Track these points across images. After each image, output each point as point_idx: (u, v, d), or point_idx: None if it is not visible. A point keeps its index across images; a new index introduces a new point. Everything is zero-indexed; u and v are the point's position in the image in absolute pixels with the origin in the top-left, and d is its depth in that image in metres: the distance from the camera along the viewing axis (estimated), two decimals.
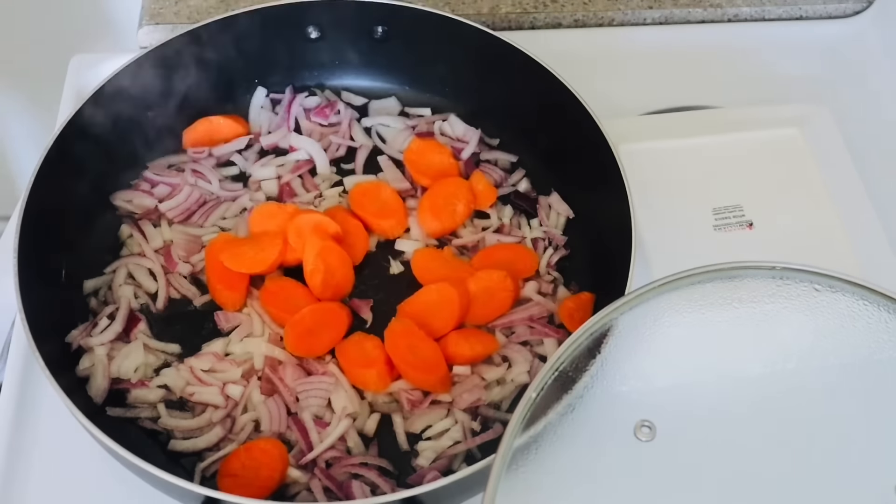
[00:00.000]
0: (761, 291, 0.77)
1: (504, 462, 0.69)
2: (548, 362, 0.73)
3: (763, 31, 1.40)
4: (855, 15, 1.42)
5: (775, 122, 1.23)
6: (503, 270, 1.04)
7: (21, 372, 1.00)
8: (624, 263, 0.94)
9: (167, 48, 1.10)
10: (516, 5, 1.36)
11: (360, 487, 0.91)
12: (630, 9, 1.37)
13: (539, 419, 0.72)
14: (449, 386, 0.98)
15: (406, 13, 1.15)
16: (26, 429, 0.97)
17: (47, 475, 0.95)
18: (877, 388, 0.77)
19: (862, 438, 0.75)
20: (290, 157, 1.17)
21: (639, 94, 1.29)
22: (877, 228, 1.14)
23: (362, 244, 1.09)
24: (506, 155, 1.17)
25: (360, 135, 1.19)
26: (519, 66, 1.11)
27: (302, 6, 1.15)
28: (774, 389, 0.77)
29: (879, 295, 0.74)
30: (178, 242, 1.08)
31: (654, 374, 0.78)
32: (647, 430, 0.74)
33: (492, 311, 1.03)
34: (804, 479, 0.74)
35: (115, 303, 1.03)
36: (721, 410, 0.76)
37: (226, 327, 1.02)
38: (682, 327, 0.77)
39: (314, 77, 1.22)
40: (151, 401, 0.97)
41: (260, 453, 0.93)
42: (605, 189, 1.02)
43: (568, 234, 1.11)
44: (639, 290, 0.76)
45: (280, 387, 0.97)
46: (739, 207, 1.15)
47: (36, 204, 0.96)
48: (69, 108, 1.16)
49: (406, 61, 1.20)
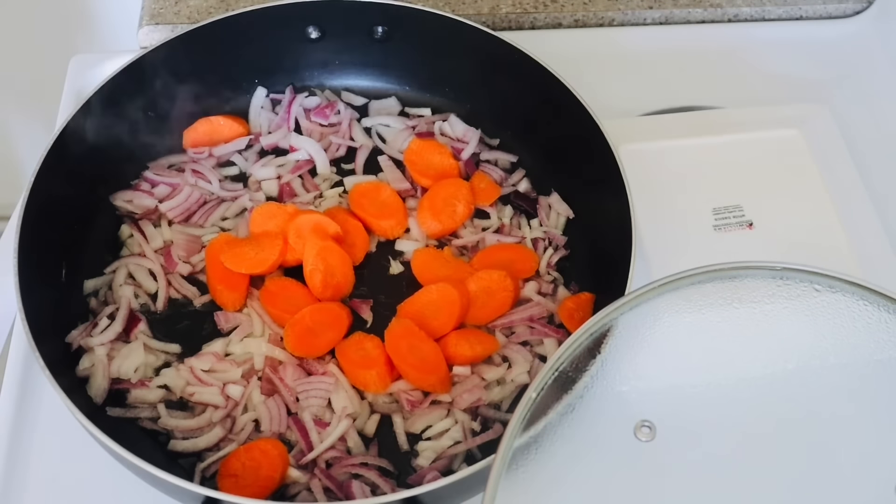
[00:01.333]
0: (761, 291, 0.77)
1: (504, 462, 0.69)
2: (548, 362, 0.73)
3: (763, 31, 1.40)
4: (855, 15, 1.42)
5: (775, 122, 1.23)
6: (503, 270, 1.04)
7: (21, 372, 1.00)
8: (624, 263, 0.94)
9: (167, 48, 1.10)
10: (516, 5, 1.36)
11: (360, 487, 0.91)
12: (630, 9, 1.37)
13: (539, 419, 0.72)
14: (449, 386, 0.98)
15: (406, 13, 1.15)
16: (26, 429, 0.97)
17: (47, 475, 0.95)
18: (877, 388, 0.77)
19: (862, 438, 0.75)
20: (290, 157, 1.17)
21: (639, 94, 1.29)
22: (877, 228, 1.14)
23: (362, 244, 1.09)
24: (506, 155, 1.17)
25: (360, 135, 1.19)
26: (519, 66, 1.11)
27: (302, 6, 1.15)
28: (774, 389, 0.77)
29: (879, 295, 0.74)
30: (178, 242, 1.08)
31: (655, 374, 0.78)
32: (647, 430, 0.74)
33: (492, 312, 1.03)
34: (804, 479, 0.74)
35: (115, 303, 1.03)
36: (721, 410, 0.76)
37: (226, 327, 1.02)
38: (682, 327, 0.77)
39: (314, 77, 1.22)
40: (151, 401, 0.97)
41: (260, 453, 0.93)
42: (605, 189, 1.02)
43: (568, 234, 1.11)
44: (639, 290, 0.76)
45: (280, 387, 0.98)
46: (739, 207, 1.15)
47: (36, 204, 0.96)
48: (69, 108, 1.16)
49: (406, 61, 1.20)
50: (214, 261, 1.04)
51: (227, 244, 1.05)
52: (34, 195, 0.96)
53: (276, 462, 0.92)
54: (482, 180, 1.14)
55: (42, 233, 0.97)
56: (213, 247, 1.05)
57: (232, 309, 1.03)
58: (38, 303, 0.91)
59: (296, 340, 0.99)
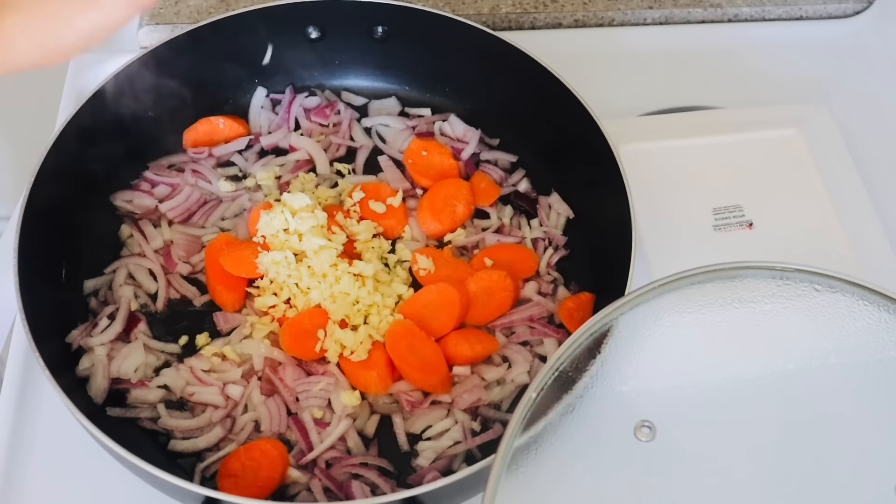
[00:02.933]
0: (761, 291, 0.77)
1: (504, 462, 0.69)
2: (548, 362, 0.73)
3: (763, 31, 1.40)
4: (855, 15, 1.42)
5: (775, 122, 1.23)
6: (503, 270, 1.04)
7: (21, 372, 1.00)
8: (624, 263, 0.94)
9: (167, 48, 1.10)
10: (516, 5, 1.36)
11: (360, 487, 0.91)
12: (630, 9, 1.37)
13: (539, 419, 0.72)
14: (449, 386, 0.98)
15: (406, 13, 1.15)
16: (26, 429, 0.97)
17: (47, 475, 0.95)
18: (877, 388, 0.77)
19: (862, 438, 0.75)
20: (290, 157, 1.16)
21: (639, 94, 1.29)
22: (877, 228, 1.14)
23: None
24: (506, 155, 1.17)
25: (360, 135, 1.19)
26: (519, 66, 1.11)
27: (302, 6, 1.15)
28: (774, 389, 0.77)
29: (879, 295, 0.74)
30: (178, 243, 1.08)
31: (655, 374, 0.78)
32: (647, 430, 0.74)
33: (492, 312, 1.03)
34: (804, 479, 0.74)
35: (115, 303, 1.03)
36: (721, 410, 0.76)
37: (225, 328, 1.02)
38: (682, 327, 0.77)
39: (314, 77, 1.22)
40: (151, 401, 0.97)
41: (260, 454, 0.93)
42: (604, 189, 1.02)
43: (568, 234, 1.11)
44: (639, 290, 0.76)
45: (280, 387, 0.97)
46: (739, 207, 1.15)
47: (36, 204, 0.96)
48: (69, 108, 1.16)
49: (406, 61, 1.20)
50: (214, 262, 1.04)
51: (227, 245, 1.05)
52: (34, 195, 0.96)
53: (276, 462, 0.92)
54: (482, 180, 1.14)
55: (42, 233, 0.97)
56: (213, 247, 1.05)
57: (231, 309, 1.03)
58: (38, 303, 0.91)
59: (291, 341, 0.99)
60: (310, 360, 1.00)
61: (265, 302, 1.02)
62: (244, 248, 1.04)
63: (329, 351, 0.99)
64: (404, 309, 1.02)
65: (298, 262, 1.02)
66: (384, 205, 1.10)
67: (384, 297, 1.03)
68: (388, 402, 0.99)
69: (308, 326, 1.00)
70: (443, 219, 1.10)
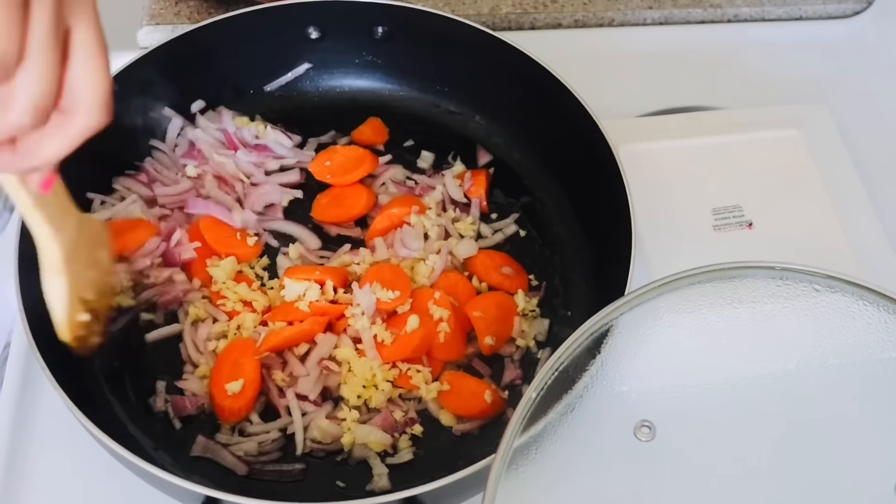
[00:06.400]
0: (761, 291, 0.77)
1: (504, 462, 0.69)
2: (548, 362, 0.73)
3: (763, 31, 1.40)
4: (855, 15, 1.42)
5: (775, 122, 1.23)
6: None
7: (21, 372, 1.00)
8: (624, 263, 0.94)
9: (167, 48, 1.10)
10: (516, 5, 1.36)
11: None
12: (630, 9, 1.37)
13: (539, 419, 0.72)
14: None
15: (406, 13, 1.15)
16: (26, 429, 0.97)
17: (47, 475, 0.95)
18: (877, 388, 0.77)
19: (862, 438, 0.75)
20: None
21: (639, 95, 1.29)
22: (877, 228, 1.14)
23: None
24: (506, 155, 1.17)
25: None
26: (519, 67, 1.11)
27: (302, 6, 1.15)
28: (774, 389, 0.77)
29: (879, 295, 0.74)
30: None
31: (655, 375, 0.78)
32: (647, 430, 0.74)
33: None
34: (804, 479, 0.74)
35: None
36: (721, 411, 0.76)
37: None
38: (682, 327, 0.77)
39: (314, 77, 1.22)
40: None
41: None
42: (605, 189, 1.02)
43: (567, 233, 1.11)
44: (639, 290, 0.76)
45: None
46: (739, 207, 1.15)
47: None
48: None
49: (406, 61, 1.20)
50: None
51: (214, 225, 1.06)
52: None
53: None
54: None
55: None
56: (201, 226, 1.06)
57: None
58: (39, 303, 0.91)
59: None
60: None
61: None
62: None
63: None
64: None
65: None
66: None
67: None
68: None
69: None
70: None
